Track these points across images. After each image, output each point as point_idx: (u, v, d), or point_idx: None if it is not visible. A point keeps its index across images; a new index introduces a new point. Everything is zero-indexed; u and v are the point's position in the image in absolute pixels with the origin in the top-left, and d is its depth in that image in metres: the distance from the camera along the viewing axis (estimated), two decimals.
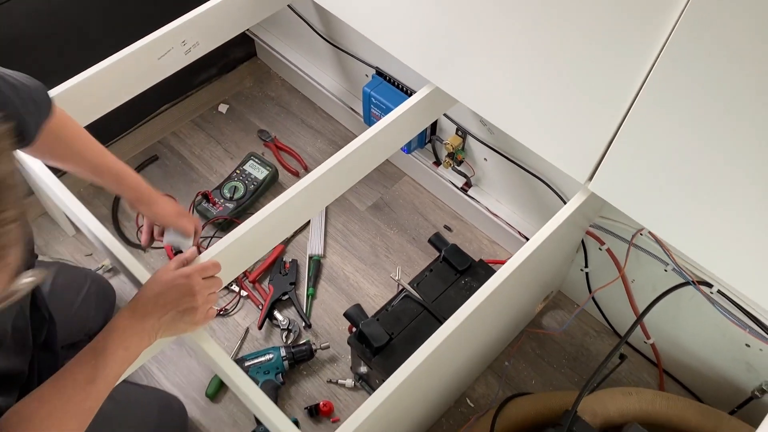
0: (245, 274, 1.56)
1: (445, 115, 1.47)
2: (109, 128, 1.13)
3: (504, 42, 0.98)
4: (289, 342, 1.46)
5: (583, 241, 1.37)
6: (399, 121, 1.20)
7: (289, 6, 1.66)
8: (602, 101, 0.92)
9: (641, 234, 1.22)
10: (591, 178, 1.03)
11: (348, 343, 1.30)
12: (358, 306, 1.30)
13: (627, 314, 1.38)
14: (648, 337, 1.39)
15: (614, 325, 1.49)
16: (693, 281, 1.18)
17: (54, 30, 1.43)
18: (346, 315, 1.30)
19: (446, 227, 1.64)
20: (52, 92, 1.13)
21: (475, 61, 1.04)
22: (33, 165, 1.10)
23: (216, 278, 0.93)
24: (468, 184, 1.56)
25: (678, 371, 1.41)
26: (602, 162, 0.99)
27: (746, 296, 0.93)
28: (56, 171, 1.07)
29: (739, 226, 0.87)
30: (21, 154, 1.05)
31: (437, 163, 1.60)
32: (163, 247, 1.56)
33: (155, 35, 1.25)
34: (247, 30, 1.88)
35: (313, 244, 1.61)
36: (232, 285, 1.54)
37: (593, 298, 1.47)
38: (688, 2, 0.74)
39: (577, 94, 0.94)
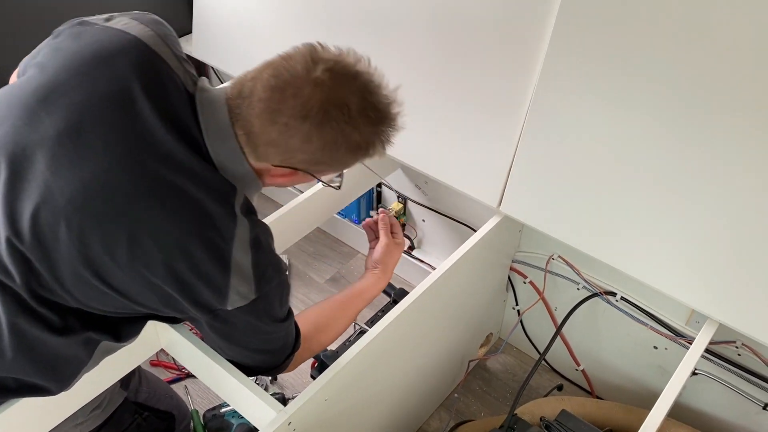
0: None
1: (387, 186, 1.75)
2: None
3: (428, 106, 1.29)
4: None
5: (511, 281, 1.59)
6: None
7: None
8: (497, 137, 1.21)
9: (553, 259, 1.45)
10: (500, 202, 1.28)
11: (311, 377, 1.44)
12: None
13: (560, 348, 1.56)
14: (578, 364, 1.57)
15: (550, 361, 1.67)
16: (600, 292, 1.40)
17: None
18: None
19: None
20: None
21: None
22: None
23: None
24: (411, 247, 1.80)
25: (608, 393, 1.57)
26: (507, 186, 1.26)
27: (649, 284, 1.13)
28: None
29: (628, 221, 1.10)
30: None
31: None
32: None
33: None
34: None
35: None
36: None
37: (530, 340, 1.66)
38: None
39: (475, 135, 1.24)
